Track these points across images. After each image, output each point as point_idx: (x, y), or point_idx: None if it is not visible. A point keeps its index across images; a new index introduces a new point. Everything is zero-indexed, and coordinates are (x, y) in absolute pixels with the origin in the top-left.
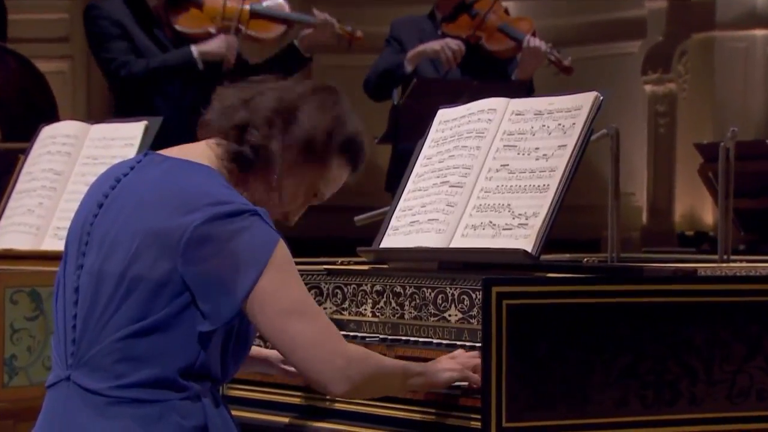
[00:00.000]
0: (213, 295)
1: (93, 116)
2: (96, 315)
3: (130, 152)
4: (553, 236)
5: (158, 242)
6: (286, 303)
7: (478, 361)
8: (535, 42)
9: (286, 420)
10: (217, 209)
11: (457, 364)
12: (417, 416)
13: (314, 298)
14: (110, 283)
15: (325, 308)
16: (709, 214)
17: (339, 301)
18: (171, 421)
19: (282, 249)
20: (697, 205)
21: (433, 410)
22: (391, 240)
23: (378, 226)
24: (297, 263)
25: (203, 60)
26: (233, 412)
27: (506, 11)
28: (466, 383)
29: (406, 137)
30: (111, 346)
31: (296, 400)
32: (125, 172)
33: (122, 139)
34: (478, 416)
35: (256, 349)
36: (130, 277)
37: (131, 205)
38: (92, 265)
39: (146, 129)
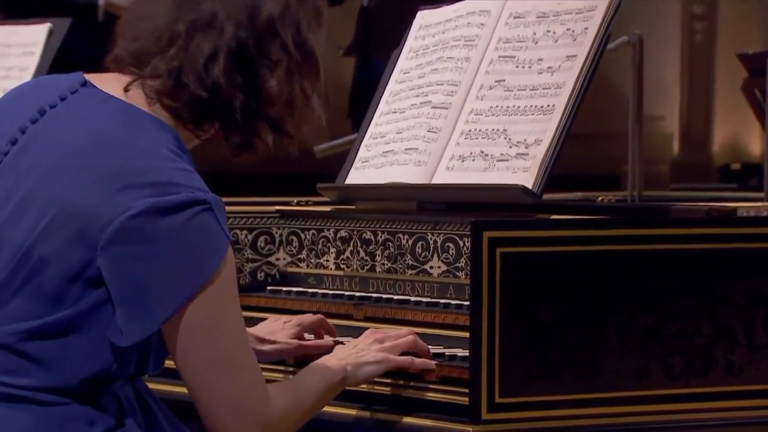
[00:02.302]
0: (131, 307)
1: None
2: None
3: (30, 62)
4: (560, 170)
5: (77, 222)
6: (214, 347)
7: (411, 339)
8: None
9: None
10: (159, 200)
11: (378, 350)
12: (386, 390)
13: (265, 246)
14: (9, 252)
15: (278, 259)
16: (756, 142)
17: (294, 251)
18: (76, 429)
19: (227, 264)
20: (741, 130)
21: (408, 383)
22: (359, 175)
23: (343, 158)
24: (243, 203)
25: (106, 11)
26: (166, 387)
27: None
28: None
29: (378, 47)
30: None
31: None
32: (52, 103)
33: (20, 46)
34: (465, 390)
35: None
36: (37, 257)
37: (54, 157)
38: None
39: (50, 33)
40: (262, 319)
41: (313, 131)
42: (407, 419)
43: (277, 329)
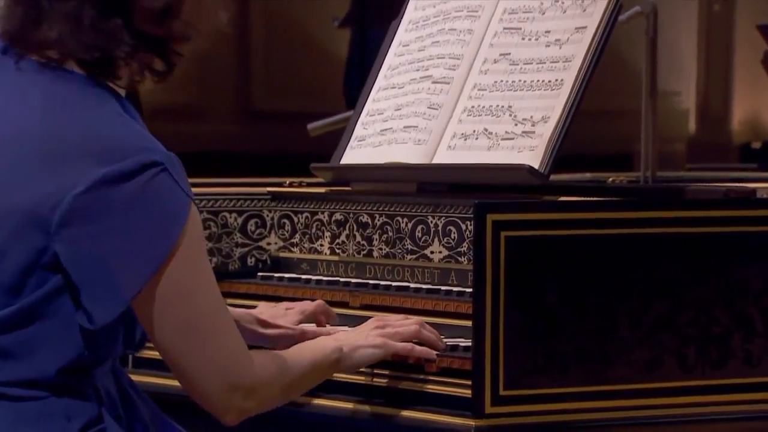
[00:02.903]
0: (95, 289)
1: None
2: None
3: None
4: (568, 149)
5: (26, 208)
6: (188, 313)
7: (414, 328)
8: None
9: None
10: (107, 171)
11: (378, 335)
12: (385, 382)
13: (255, 230)
14: None
15: (269, 243)
16: None
17: (287, 235)
18: (52, 424)
19: (192, 224)
20: (762, 107)
21: (408, 375)
22: (355, 154)
23: (338, 137)
24: (232, 184)
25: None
26: (149, 379)
27: None
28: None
29: (375, 18)
30: None
31: None
32: None
33: None
34: (468, 382)
35: None
36: None
37: None
38: None
39: None
40: (253, 308)
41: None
42: (406, 413)
43: (279, 314)
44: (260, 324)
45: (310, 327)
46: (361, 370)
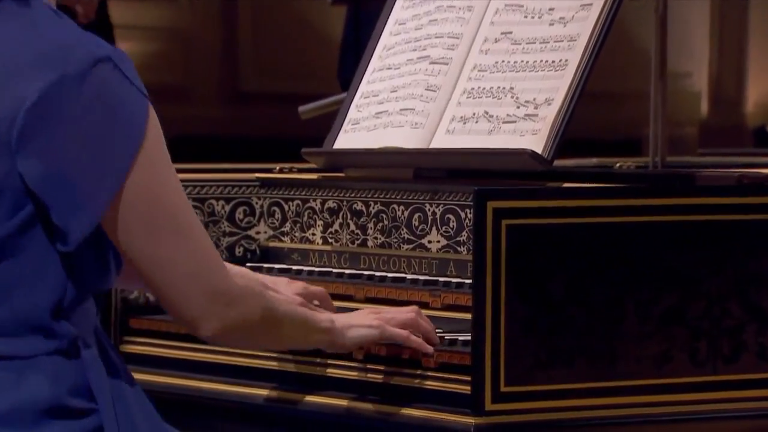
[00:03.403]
0: (66, 205)
1: None
2: None
3: None
4: (573, 133)
5: None
6: (158, 215)
7: (412, 316)
8: None
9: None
10: (54, 77)
11: (374, 319)
12: (380, 378)
13: (244, 218)
14: None
15: (258, 232)
16: None
17: (277, 223)
18: (36, 384)
19: (153, 125)
20: None
21: (404, 371)
22: (349, 138)
23: (331, 120)
24: (219, 170)
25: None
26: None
27: None
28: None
29: None
30: None
31: (216, 358)
32: None
33: None
34: (467, 378)
35: None
36: None
37: None
38: None
39: None
40: None
41: None
42: (403, 410)
43: (281, 283)
44: (261, 285)
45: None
46: (354, 365)
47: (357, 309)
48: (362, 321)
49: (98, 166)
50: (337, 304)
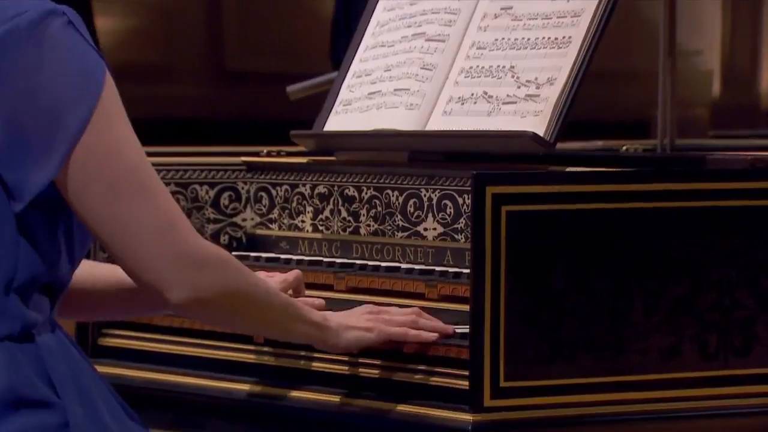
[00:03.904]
0: (15, 160)
1: None
2: None
3: None
4: (577, 114)
5: None
6: (117, 171)
7: (412, 318)
8: None
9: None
10: (3, 30)
11: (370, 320)
12: (374, 373)
13: (229, 205)
14: None
15: (244, 219)
16: None
17: (264, 210)
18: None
19: (110, 83)
20: None
21: (399, 365)
22: (340, 120)
23: (321, 100)
24: (203, 153)
25: None
26: (109, 369)
27: None
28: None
29: None
30: None
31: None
32: None
33: None
34: (465, 372)
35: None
36: None
37: None
38: None
39: None
40: None
41: None
42: (397, 406)
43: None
44: None
45: None
46: (347, 359)
47: (347, 300)
48: (358, 323)
49: (53, 120)
50: (327, 295)
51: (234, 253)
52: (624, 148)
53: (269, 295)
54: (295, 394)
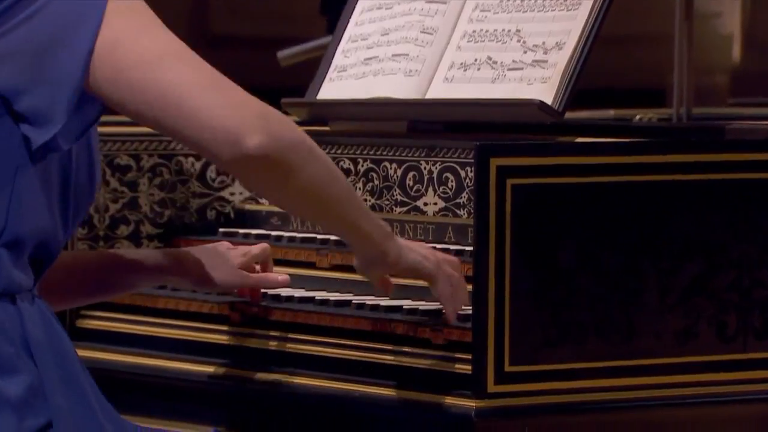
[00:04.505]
0: (35, 75)
1: None
2: None
3: None
4: (588, 82)
5: None
6: (155, 44)
7: (465, 286)
8: None
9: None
10: None
11: (430, 254)
12: (371, 356)
13: (216, 178)
14: None
15: (232, 193)
16: None
17: None
18: None
19: None
20: None
21: (396, 348)
22: (334, 87)
23: (314, 67)
24: None
25: None
26: (89, 353)
27: None
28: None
29: None
30: None
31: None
32: None
33: None
34: (467, 356)
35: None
36: None
37: None
38: None
39: None
40: None
41: None
42: (396, 392)
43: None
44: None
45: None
46: (344, 342)
47: (341, 279)
48: (420, 248)
49: (71, 24)
50: (319, 274)
51: (221, 229)
52: (637, 117)
53: (337, 169)
54: (293, 379)
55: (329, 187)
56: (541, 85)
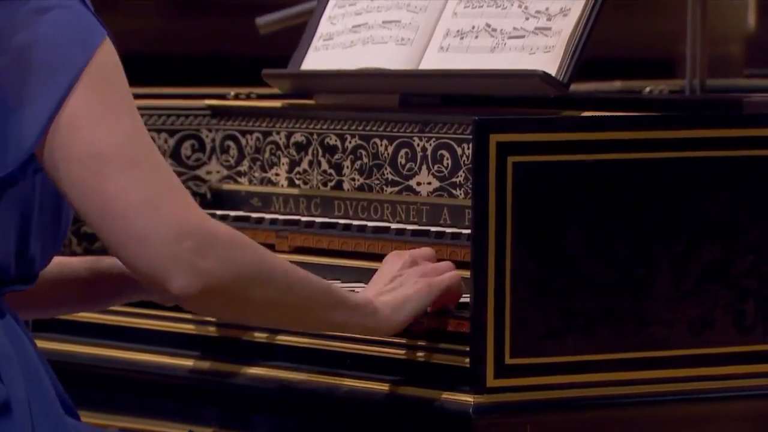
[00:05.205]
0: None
1: None
2: None
3: None
4: (594, 51)
5: None
6: (108, 142)
7: (458, 277)
8: None
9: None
10: None
11: (420, 278)
12: (364, 349)
13: (192, 155)
14: None
15: (209, 172)
16: None
17: (232, 161)
18: None
19: (109, 52)
20: None
21: (389, 340)
22: (320, 57)
23: (298, 35)
24: (162, 96)
25: None
26: (55, 345)
27: None
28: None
29: None
30: None
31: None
32: None
33: None
34: (465, 348)
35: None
36: None
37: None
38: None
39: None
40: None
41: None
42: (388, 387)
43: None
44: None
45: None
46: (334, 334)
47: (328, 265)
48: (410, 289)
49: (37, 82)
50: (305, 259)
51: None
52: (647, 89)
53: (299, 279)
54: (274, 373)
55: (289, 304)
56: (544, 54)
